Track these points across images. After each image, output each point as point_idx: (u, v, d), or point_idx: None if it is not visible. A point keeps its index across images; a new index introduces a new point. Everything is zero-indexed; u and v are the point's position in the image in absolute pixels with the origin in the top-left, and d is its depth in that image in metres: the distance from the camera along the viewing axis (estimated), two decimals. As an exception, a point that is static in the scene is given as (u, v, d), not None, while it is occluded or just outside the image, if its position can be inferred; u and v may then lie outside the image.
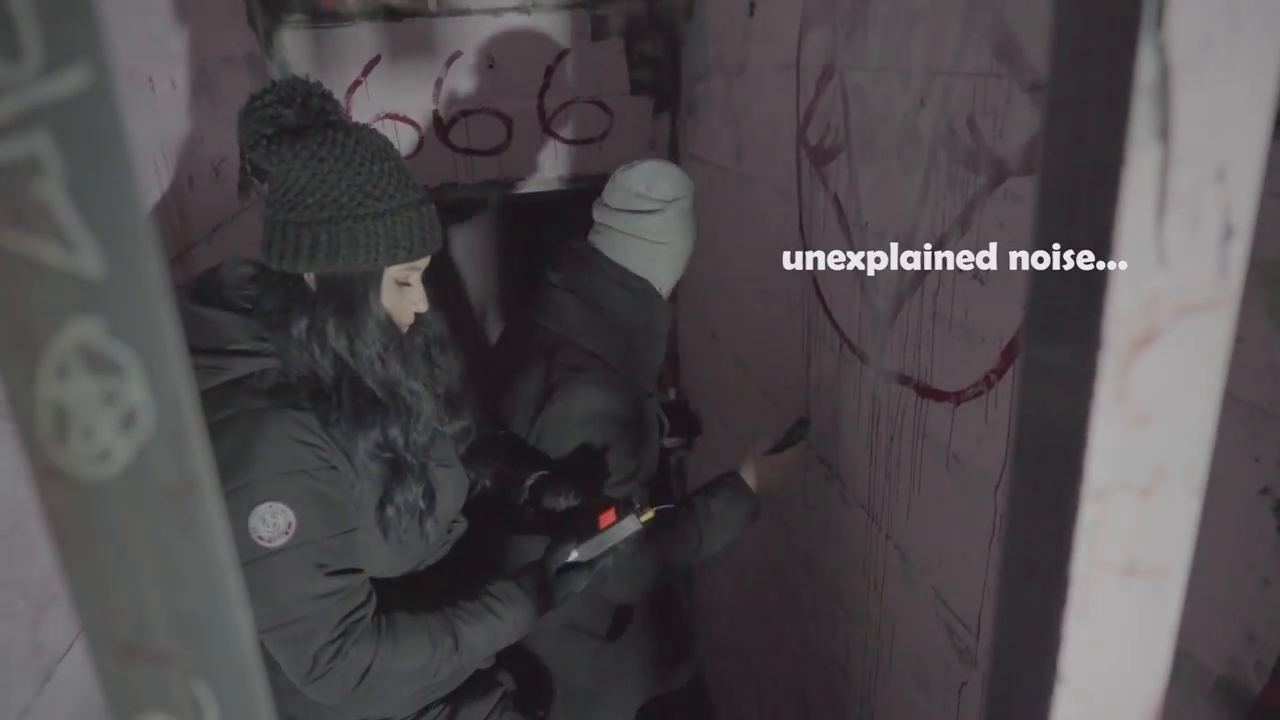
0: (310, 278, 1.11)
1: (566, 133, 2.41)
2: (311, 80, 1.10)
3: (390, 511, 1.18)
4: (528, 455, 1.49)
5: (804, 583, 1.74)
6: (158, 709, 0.26)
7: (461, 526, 1.35)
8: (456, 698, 1.33)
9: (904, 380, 1.21)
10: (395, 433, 1.16)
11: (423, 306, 1.20)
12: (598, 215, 1.55)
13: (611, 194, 1.54)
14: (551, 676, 1.66)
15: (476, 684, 1.37)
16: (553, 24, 2.28)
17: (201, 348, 1.07)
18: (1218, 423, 0.68)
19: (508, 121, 2.37)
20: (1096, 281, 0.27)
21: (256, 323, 1.11)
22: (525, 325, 1.58)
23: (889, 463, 1.28)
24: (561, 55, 2.32)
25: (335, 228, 1.07)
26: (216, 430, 1.04)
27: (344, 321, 1.12)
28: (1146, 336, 0.27)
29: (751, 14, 1.71)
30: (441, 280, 3.61)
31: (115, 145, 0.21)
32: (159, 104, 1.31)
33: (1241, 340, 0.65)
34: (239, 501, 1.03)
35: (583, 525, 1.27)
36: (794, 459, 1.50)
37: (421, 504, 1.20)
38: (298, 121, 1.07)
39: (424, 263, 1.18)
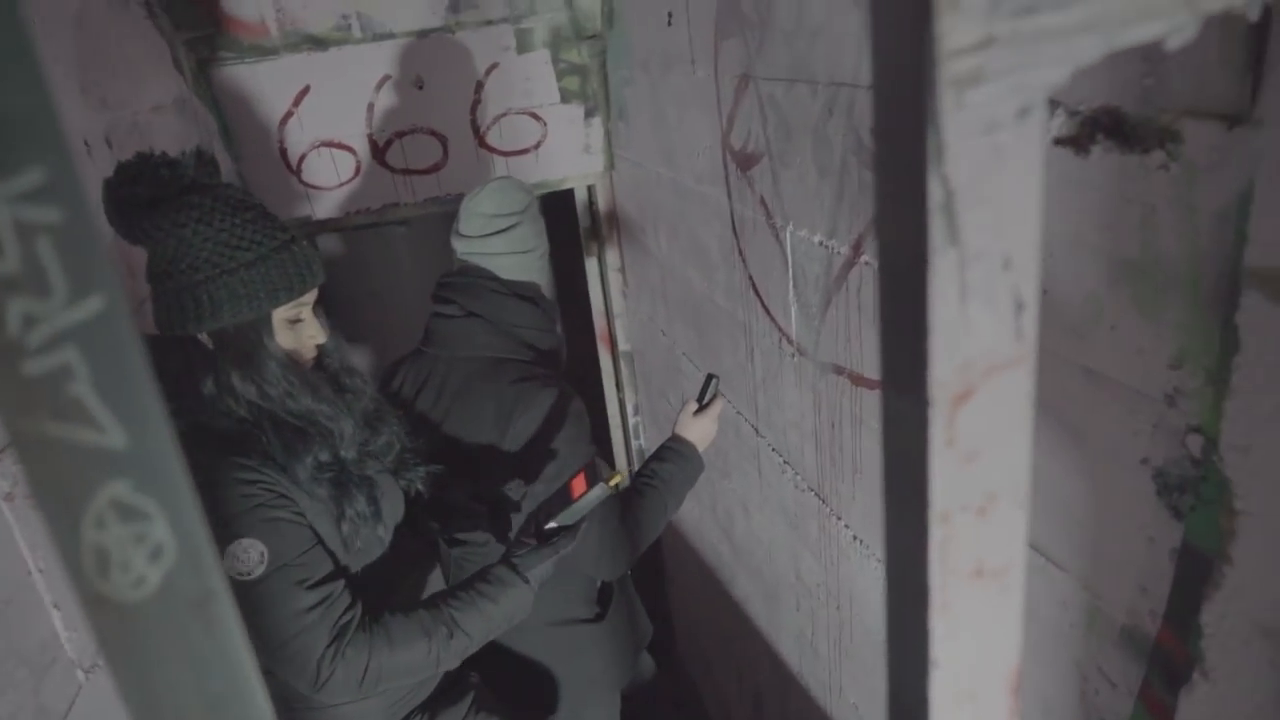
0: (204, 336, 1.18)
1: (501, 145, 2.45)
2: (157, 152, 1.17)
3: (345, 526, 1.26)
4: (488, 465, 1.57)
5: (766, 564, 1.82)
6: (196, 775, 0.32)
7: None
8: (432, 706, 1.41)
9: (839, 370, 1.29)
10: (326, 455, 1.24)
11: (321, 338, 1.28)
12: (462, 247, 1.67)
13: (468, 223, 1.66)
14: (544, 673, 1.74)
15: (450, 689, 1.45)
16: (478, 40, 2.32)
17: None
18: (1098, 408, 0.77)
19: (443, 139, 2.40)
20: (921, 352, 0.34)
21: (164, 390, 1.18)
22: (435, 361, 1.67)
23: (833, 448, 1.36)
24: (490, 70, 2.36)
25: (212, 286, 1.14)
26: None
27: (246, 370, 1.19)
28: (965, 393, 0.34)
29: (670, 23, 1.76)
30: (391, 287, 3.57)
31: (128, 349, 0.27)
32: (95, 165, 1.33)
33: (1114, 328, 0.74)
34: None
35: (558, 497, 1.39)
36: (719, 409, 1.69)
37: (368, 510, 1.29)
38: (150, 194, 1.13)
39: (310, 298, 1.25)
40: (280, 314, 1.21)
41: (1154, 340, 0.69)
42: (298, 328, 1.25)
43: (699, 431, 1.67)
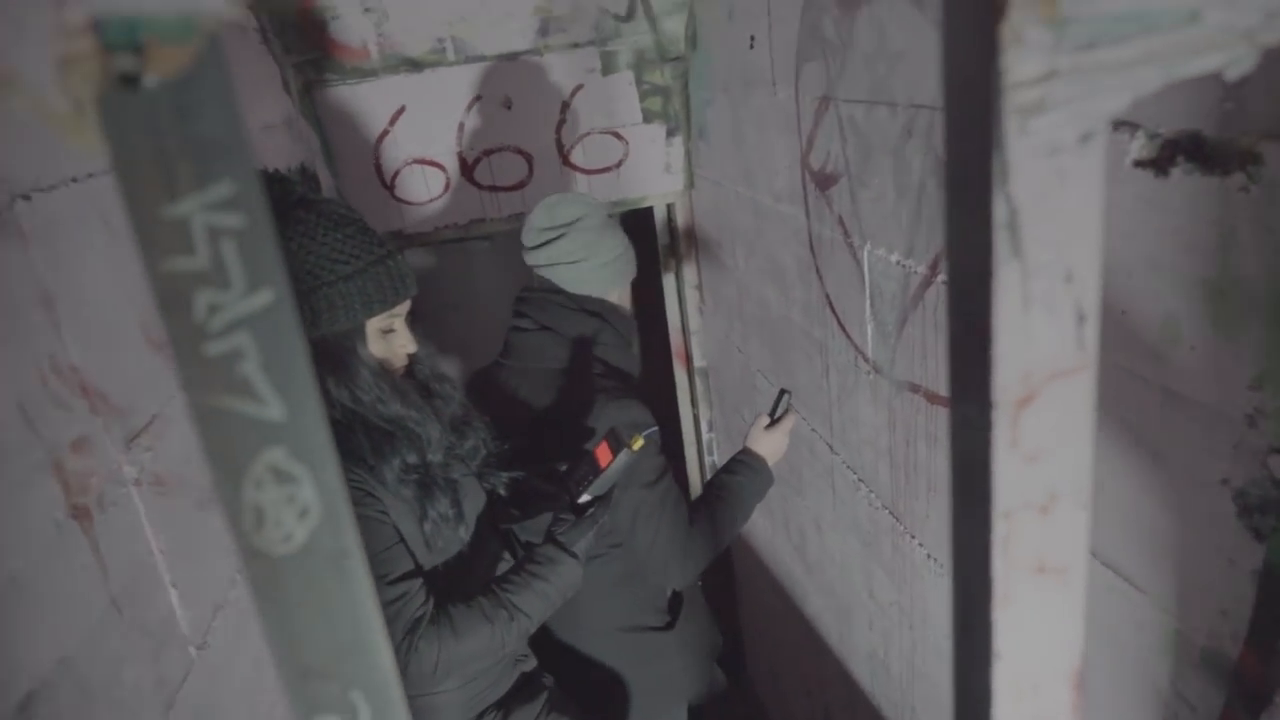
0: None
1: (584, 163, 2.52)
2: (270, 169, 1.25)
3: (428, 526, 1.33)
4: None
5: (839, 581, 1.82)
6: (328, 712, 0.36)
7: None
8: (507, 703, 1.46)
9: (914, 389, 1.29)
10: (413, 458, 1.31)
11: (412, 348, 1.35)
12: (529, 260, 1.74)
13: (526, 237, 1.73)
14: (615, 678, 1.79)
15: (524, 688, 1.50)
16: (564, 63, 2.39)
17: None
18: (1178, 429, 0.78)
19: (528, 158, 2.49)
20: (986, 358, 0.36)
21: None
22: (510, 372, 1.75)
23: (907, 466, 1.37)
24: (575, 91, 2.44)
25: (313, 297, 1.21)
26: None
27: (340, 376, 1.26)
28: (1027, 397, 0.37)
29: (752, 46, 1.80)
30: (472, 301, 3.68)
31: (290, 336, 0.31)
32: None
33: (1194, 349, 0.74)
34: None
35: (586, 469, 1.43)
36: (791, 424, 1.73)
37: (451, 512, 1.34)
38: None
39: (403, 309, 1.32)
40: (374, 324, 1.28)
41: (1234, 361, 0.69)
42: (390, 337, 1.31)
43: (770, 445, 1.70)
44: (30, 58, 0.30)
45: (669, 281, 2.82)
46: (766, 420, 1.71)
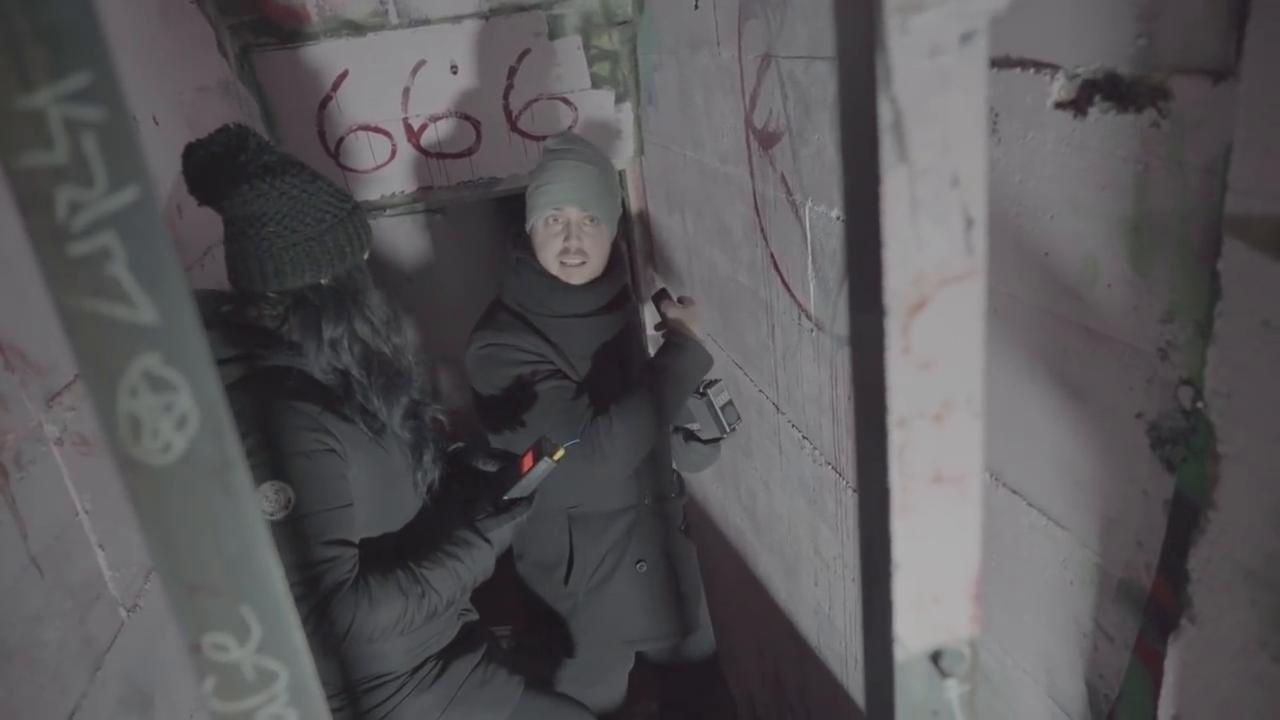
0: (326, 280, 1.28)
1: (533, 129, 2.49)
2: (239, 125, 1.26)
3: (419, 474, 1.37)
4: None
5: (786, 540, 1.84)
6: (216, 629, 0.36)
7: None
8: (447, 653, 1.47)
9: (854, 343, 1.31)
10: (411, 394, 1.36)
11: None
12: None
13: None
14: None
15: (466, 638, 1.51)
16: (511, 26, 2.36)
17: (225, 357, 1.24)
18: (1097, 367, 0.79)
19: (476, 124, 2.45)
20: (878, 264, 0.36)
21: (257, 336, 1.26)
22: None
23: (848, 420, 1.38)
24: (522, 55, 2.40)
25: (336, 232, 1.26)
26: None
27: (362, 309, 1.31)
28: (919, 303, 0.37)
29: (696, 7, 1.79)
30: (428, 274, 3.62)
31: (158, 235, 0.31)
32: (144, 141, 1.40)
33: (1110, 286, 0.75)
34: None
35: (510, 470, 1.49)
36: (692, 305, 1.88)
37: (435, 453, 1.41)
38: (260, 160, 1.22)
39: None
40: None
41: (1147, 296, 0.71)
42: None
43: (682, 313, 1.84)
44: None
45: (620, 249, 2.80)
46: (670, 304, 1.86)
